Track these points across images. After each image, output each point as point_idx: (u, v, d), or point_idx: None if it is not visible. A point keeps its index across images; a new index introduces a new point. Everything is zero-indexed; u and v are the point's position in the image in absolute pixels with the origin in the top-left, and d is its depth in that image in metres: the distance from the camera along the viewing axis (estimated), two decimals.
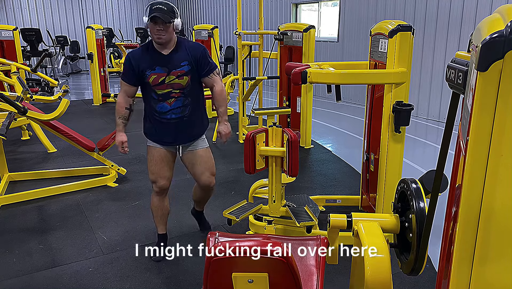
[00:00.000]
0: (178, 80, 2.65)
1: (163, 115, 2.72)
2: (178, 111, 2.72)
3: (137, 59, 2.64)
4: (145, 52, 2.65)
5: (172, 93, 2.67)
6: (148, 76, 2.63)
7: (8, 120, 3.70)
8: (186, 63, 2.65)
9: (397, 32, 2.79)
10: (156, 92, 2.68)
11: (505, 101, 0.84)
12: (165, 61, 2.62)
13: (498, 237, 0.91)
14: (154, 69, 2.62)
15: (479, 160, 0.89)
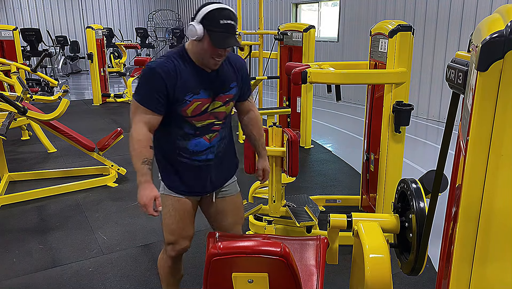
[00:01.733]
0: (224, 107, 1.95)
1: (197, 156, 1.96)
2: (215, 149, 1.99)
3: (173, 76, 1.79)
4: (183, 67, 1.82)
5: (214, 125, 1.94)
6: (189, 103, 1.84)
7: (8, 120, 3.70)
8: (235, 84, 1.96)
9: (397, 32, 2.79)
10: (193, 126, 1.90)
11: (505, 101, 0.84)
12: (209, 82, 1.88)
13: (498, 237, 0.91)
14: (198, 94, 1.84)
15: (479, 160, 0.89)
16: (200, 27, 1.73)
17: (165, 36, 15.03)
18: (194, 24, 1.75)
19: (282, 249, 1.40)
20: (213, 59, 1.80)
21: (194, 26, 1.74)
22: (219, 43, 1.74)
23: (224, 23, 1.73)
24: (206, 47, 1.76)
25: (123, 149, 5.48)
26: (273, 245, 1.41)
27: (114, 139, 4.36)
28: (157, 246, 3.14)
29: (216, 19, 1.72)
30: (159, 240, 3.21)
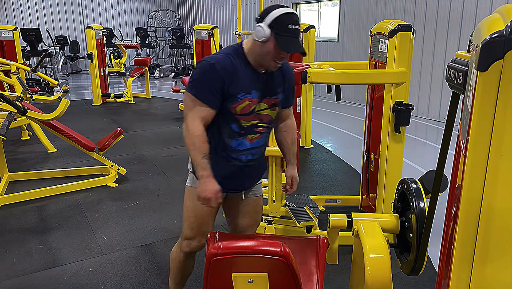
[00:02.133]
0: (269, 111, 1.97)
1: (237, 155, 1.97)
2: (257, 152, 2.01)
3: (230, 73, 1.82)
4: (239, 65, 1.86)
5: (257, 127, 1.96)
6: (240, 101, 1.86)
7: (8, 120, 3.70)
8: (282, 90, 2.00)
9: (397, 32, 2.79)
10: (240, 124, 1.92)
11: (505, 101, 0.84)
12: (260, 83, 1.91)
13: (498, 237, 0.91)
14: (250, 93, 1.87)
15: (479, 160, 0.89)
16: (268, 29, 1.78)
17: (165, 36, 15.03)
18: (262, 26, 1.79)
19: (282, 249, 1.40)
20: (274, 62, 1.85)
21: (263, 28, 1.78)
22: (286, 47, 1.80)
23: (292, 28, 1.79)
24: (271, 49, 1.80)
25: (123, 148, 5.49)
26: (273, 245, 1.41)
27: (114, 139, 4.36)
28: (157, 246, 3.14)
29: (285, 24, 1.78)
30: (159, 240, 3.21)
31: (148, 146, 5.70)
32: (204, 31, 7.68)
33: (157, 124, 6.99)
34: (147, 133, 6.41)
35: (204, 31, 7.69)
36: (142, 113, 7.93)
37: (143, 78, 10.99)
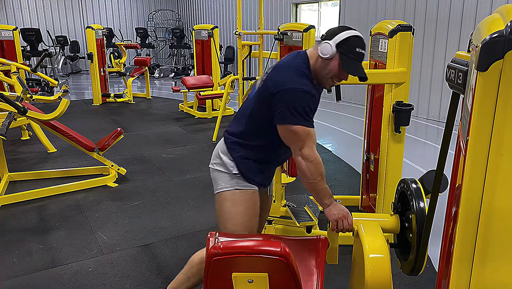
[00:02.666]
0: None
1: (280, 158, 2.10)
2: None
3: (317, 99, 1.91)
4: (314, 87, 1.91)
5: None
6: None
7: (8, 120, 3.69)
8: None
9: (397, 32, 2.79)
10: None
11: (505, 101, 0.84)
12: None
13: (498, 237, 0.91)
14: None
15: (479, 160, 0.89)
16: (335, 48, 1.82)
17: (165, 36, 15.02)
18: (331, 44, 1.83)
19: (282, 249, 1.40)
20: (331, 81, 1.91)
21: (331, 46, 1.83)
22: (349, 68, 1.86)
23: (359, 51, 1.85)
24: (333, 68, 1.86)
25: (123, 149, 5.49)
26: (273, 245, 1.41)
27: (114, 139, 4.36)
28: (157, 246, 3.14)
29: (353, 46, 1.84)
30: (159, 240, 3.21)
31: (148, 146, 5.71)
32: (204, 31, 7.68)
33: (157, 124, 6.99)
34: (147, 133, 6.41)
35: (204, 31, 7.69)
36: (142, 113, 7.94)
37: (143, 78, 10.99)
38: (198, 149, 5.54)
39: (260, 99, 1.92)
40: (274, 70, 1.94)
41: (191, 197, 4.00)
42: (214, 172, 2.04)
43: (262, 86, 1.91)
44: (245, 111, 1.99)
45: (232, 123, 2.07)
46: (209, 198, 3.98)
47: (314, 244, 1.95)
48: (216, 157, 2.04)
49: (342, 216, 1.87)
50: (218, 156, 2.03)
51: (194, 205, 3.84)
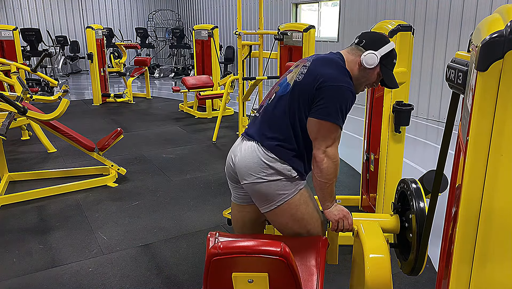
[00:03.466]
0: None
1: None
2: None
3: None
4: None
5: None
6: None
7: (8, 120, 3.70)
8: None
9: (397, 32, 2.79)
10: None
11: (505, 101, 0.84)
12: None
13: (498, 237, 0.91)
14: None
15: (479, 159, 0.89)
16: (379, 59, 1.87)
17: (165, 36, 15.02)
18: (377, 55, 1.87)
19: (282, 249, 1.40)
20: (365, 88, 2.01)
21: (377, 57, 1.87)
22: (388, 80, 1.94)
23: (395, 63, 1.96)
24: (372, 77, 1.93)
25: (123, 149, 5.49)
26: (273, 245, 1.41)
27: (114, 139, 4.36)
28: (157, 246, 3.14)
29: (393, 59, 1.93)
30: (159, 240, 3.21)
31: (148, 146, 5.71)
32: (204, 31, 7.68)
33: (157, 124, 6.99)
34: (147, 133, 6.41)
35: (204, 31, 7.69)
36: (142, 113, 7.94)
37: (143, 78, 10.99)
38: (198, 149, 5.54)
39: (300, 93, 1.84)
40: (316, 63, 1.89)
41: (191, 197, 4.00)
42: (267, 184, 1.89)
43: (305, 79, 1.84)
44: (277, 110, 1.90)
45: (261, 127, 1.93)
46: (209, 198, 3.98)
47: (314, 244, 1.95)
48: (263, 168, 1.88)
49: (342, 216, 1.88)
50: (265, 166, 1.87)
51: (194, 205, 3.84)
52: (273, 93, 1.97)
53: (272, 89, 2.03)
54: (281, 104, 1.90)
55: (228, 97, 6.45)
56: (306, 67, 1.89)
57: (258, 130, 1.94)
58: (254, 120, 2.03)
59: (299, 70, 1.91)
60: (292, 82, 1.89)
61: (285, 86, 1.92)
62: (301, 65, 1.94)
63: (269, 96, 2.02)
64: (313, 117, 1.82)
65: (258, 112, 2.01)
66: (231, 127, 6.67)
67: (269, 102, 1.97)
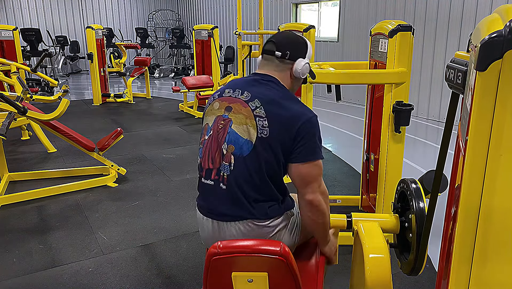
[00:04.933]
0: None
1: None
2: None
3: None
4: None
5: None
6: None
7: (8, 120, 3.70)
8: None
9: (397, 32, 2.79)
10: None
11: (504, 101, 0.84)
12: None
13: (497, 237, 0.92)
14: None
15: (478, 159, 0.89)
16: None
17: (165, 36, 15.02)
18: (307, 62, 1.73)
19: (282, 249, 1.40)
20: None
21: (308, 63, 1.73)
22: (310, 74, 1.80)
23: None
24: (300, 80, 1.78)
25: (123, 149, 5.49)
26: (273, 244, 1.42)
27: (114, 139, 4.36)
28: (157, 246, 3.14)
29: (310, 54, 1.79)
30: (159, 240, 3.21)
31: (148, 146, 5.71)
32: (204, 31, 7.68)
33: (157, 124, 6.99)
34: (147, 133, 6.41)
35: (204, 31, 7.69)
36: (142, 113, 7.94)
37: (143, 78, 10.99)
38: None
39: (271, 146, 1.60)
40: (269, 108, 1.63)
41: (191, 197, 4.00)
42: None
43: (273, 132, 1.60)
44: (246, 174, 1.62)
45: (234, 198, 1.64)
46: None
47: (313, 243, 1.95)
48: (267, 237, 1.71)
49: (335, 248, 1.85)
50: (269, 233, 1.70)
51: (194, 205, 3.83)
52: (230, 156, 1.63)
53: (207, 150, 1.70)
54: (248, 165, 1.61)
55: None
56: (262, 118, 1.61)
57: (235, 205, 1.65)
58: (212, 191, 1.69)
59: (252, 122, 1.62)
60: (255, 139, 1.60)
61: (243, 145, 1.62)
62: (243, 115, 1.64)
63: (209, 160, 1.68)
64: (299, 162, 1.61)
65: (210, 180, 1.68)
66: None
67: (230, 169, 1.63)
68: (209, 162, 1.68)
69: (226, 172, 1.64)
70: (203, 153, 1.72)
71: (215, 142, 1.68)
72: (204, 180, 1.71)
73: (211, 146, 1.69)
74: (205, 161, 1.70)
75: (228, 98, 1.72)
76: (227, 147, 1.64)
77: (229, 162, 1.64)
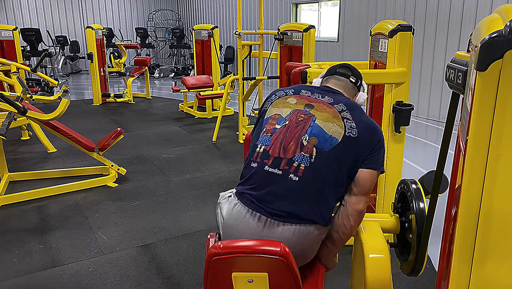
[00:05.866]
0: None
1: None
2: None
3: None
4: None
5: None
6: None
7: (8, 120, 3.70)
8: None
9: (397, 32, 2.79)
10: None
11: (504, 101, 0.84)
12: None
13: (497, 237, 0.92)
14: None
15: (478, 159, 0.89)
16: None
17: (165, 36, 15.02)
18: (366, 95, 1.88)
19: (282, 249, 1.40)
20: None
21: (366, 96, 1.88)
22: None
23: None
24: None
25: (123, 149, 5.49)
26: (273, 245, 1.41)
27: (114, 139, 4.36)
28: (157, 246, 3.14)
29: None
30: (159, 240, 3.21)
31: (148, 146, 5.71)
32: (204, 31, 7.68)
33: (157, 124, 6.99)
34: (147, 133, 6.41)
35: (204, 31, 7.69)
36: (142, 113, 7.94)
37: (143, 78, 10.99)
38: (198, 149, 5.54)
39: (356, 149, 1.61)
40: (354, 112, 1.68)
41: (191, 197, 4.00)
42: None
43: (362, 135, 1.62)
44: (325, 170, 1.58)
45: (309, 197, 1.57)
46: (209, 198, 3.98)
47: None
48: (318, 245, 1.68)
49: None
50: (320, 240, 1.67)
51: (194, 205, 3.84)
52: (312, 148, 1.59)
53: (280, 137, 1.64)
54: (330, 161, 1.58)
55: (228, 97, 6.45)
56: (350, 120, 1.65)
57: (301, 199, 1.56)
58: (276, 181, 1.58)
59: (339, 122, 1.64)
60: (341, 137, 1.60)
61: (327, 140, 1.60)
62: (329, 114, 1.66)
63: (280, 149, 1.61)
64: (370, 169, 1.62)
65: (277, 170, 1.58)
66: (231, 127, 6.67)
67: (310, 161, 1.57)
68: (280, 150, 1.60)
69: (305, 163, 1.57)
70: (272, 140, 1.63)
71: (291, 133, 1.62)
72: (269, 168, 1.58)
73: (285, 135, 1.62)
74: (275, 148, 1.61)
75: (307, 98, 1.73)
76: (308, 139, 1.60)
77: (310, 153, 1.58)
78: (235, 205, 1.62)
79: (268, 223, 1.56)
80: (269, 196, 1.57)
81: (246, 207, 1.59)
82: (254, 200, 1.59)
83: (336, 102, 1.70)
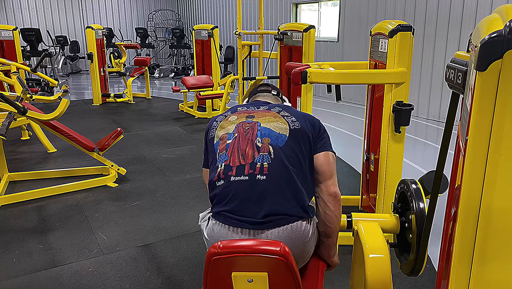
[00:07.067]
0: None
1: None
2: None
3: None
4: None
5: None
6: None
7: (8, 120, 3.70)
8: None
9: (397, 32, 2.79)
10: None
11: (504, 101, 0.84)
12: None
13: (497, 237, 0.92)
14: None
15: (478, 159, 0.89)
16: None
17: (165, 36, 15.02)
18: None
19: (282, 248, 1.40)
20: None
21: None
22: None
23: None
24: None
25: (123, 149, 5.49)
26: (273, 244, 1.42)
27: (114, 139, 4.36)
28: (157, 246, 3.14)
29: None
30: (159, 240, 3.21)
31: (148, 146, 5.71)
32: (204, 31, 7.68)
33: (157, 124, 6.99)
34: (147, 133, 6.41)
35: (204, 31, 7.69)
36: (142, 113, 7.94)
37: (143, 78, 10.99)
38: (198, 149, 5.54)
39: (301, 138, 1.73)
40: (286, 108, 1.87)
41: (191, 197, 4.00)
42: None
43: (302, 124, 1.77)
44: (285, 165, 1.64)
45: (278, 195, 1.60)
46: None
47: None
48: (312, 245, 1.74)
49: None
50: (312, 238, 1.70)
51: (194, 205, 3.84)
52: (267, 146, 1.66)
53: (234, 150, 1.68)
54: (287, 154, 1.66)
55: (228, 97, 6.45)
56: (287, 116, 1.78)
57: (275, 195, 1.60)
58: (246, 188, 1.61)
59: (281, 120, 1.76)
60: (288, 132, 1.71)
61: (278, 138, 1.69)
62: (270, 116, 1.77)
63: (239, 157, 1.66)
64: (323, 151, 1.77)
65: (243, 176, 1.61)
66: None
67: (271, 158, 1.64)
68: (239, 158, 1.65)
69: (267, 161, 1.62)
70: (229, 154, 1.67)
71: (243, 141, 1.68)
72: (236, 177, 1.61)
73: (239, 144, 1.68)
74: (235, 159, 1.65)
75: (245, 111, 1.83)
76: (261, 140, 1.67)
77: (268, 151, 1.65)
78: (214, 226, 1.65)
79: (252, 233, 1.59)
80: (244, 204, 1.59)
81: (225, 225, 1.61)
82: (231, 215, 1.61)
83: (271, 107, 1.86)
